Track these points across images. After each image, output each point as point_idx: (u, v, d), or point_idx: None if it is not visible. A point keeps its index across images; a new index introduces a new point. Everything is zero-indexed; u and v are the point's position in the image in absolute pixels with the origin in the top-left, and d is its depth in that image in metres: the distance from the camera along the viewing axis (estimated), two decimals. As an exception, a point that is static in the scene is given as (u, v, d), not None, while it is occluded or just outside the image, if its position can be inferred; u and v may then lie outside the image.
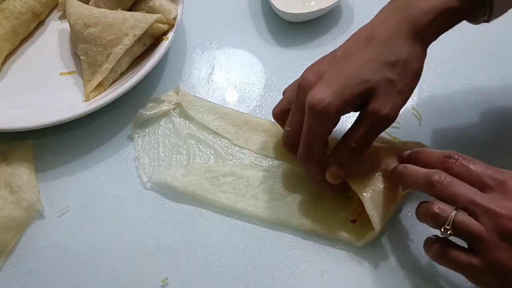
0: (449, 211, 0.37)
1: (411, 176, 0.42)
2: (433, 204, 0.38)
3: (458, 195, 0.38)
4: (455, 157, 0.40)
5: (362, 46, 0.43)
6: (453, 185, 0.38)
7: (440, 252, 0.39)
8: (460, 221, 0.37)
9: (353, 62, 0.42)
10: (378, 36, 0.43)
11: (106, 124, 0.58)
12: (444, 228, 0.37)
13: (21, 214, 0.51)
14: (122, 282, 0.47)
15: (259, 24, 0.67)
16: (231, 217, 0.51)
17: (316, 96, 0.41)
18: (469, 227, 0.36)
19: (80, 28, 0.59)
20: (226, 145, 0.55)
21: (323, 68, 0.44)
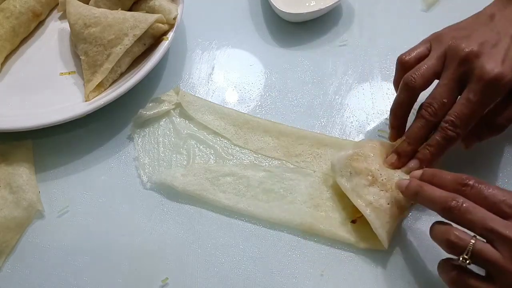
0: (467, 240, 0.37)
1: (427, 197, 0.41)
2: (451, 232, 0.38)
3: (475, 222, 0.37)
4: (470, 183, 0.39)
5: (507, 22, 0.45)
6: (470, 211, 0.38)
7: (457, 280, 0.38)
8: (479, 249, 0.37)
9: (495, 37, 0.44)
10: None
11: (106, 124, 0.58)
12: (463, 257, 0.37)
13: (21, 214, 0.51)
14: (122, 282, 0.47)
15: (259, 24, 0.67)
16: (231, 217, 0.51)
17: (501, 69, 0.42)
18: (487, 256, 0.36)
19: (80, 28, 0.59)
20: (226, 145, 0.55)
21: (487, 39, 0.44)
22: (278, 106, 0.59)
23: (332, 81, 0.60)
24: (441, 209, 0.39)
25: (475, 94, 0.43)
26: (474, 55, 0.43)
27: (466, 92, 0.43)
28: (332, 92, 0.59)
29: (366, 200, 0.46)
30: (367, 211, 0.45)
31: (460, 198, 0.39)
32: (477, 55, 0.43)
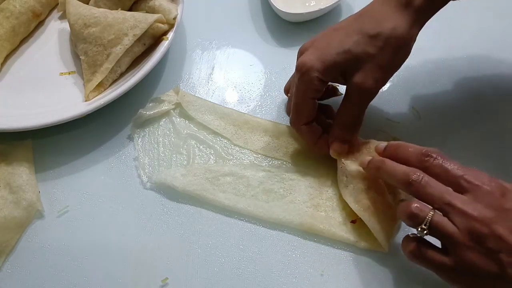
0: (426, 212, 0.39)
1: (389, 172, 0.43)
2: (411, 204, 0.39)
3: (434, 195, 0.39)
4: (433, 155, 0.41)
5: (352, 20, 0.46)
6: (430, 185, 0.39)
7: (416, 251, 0.40)
8: (436, 221, 0.38)
9: (340, 33, 0.46)
10: (368, 11, 0.46)
11: (106, 124, 0.58)
12: (421, 227, 0.38)
13: (21, 214, 0.51)
14: (122, 282, 0.47)
15: (259, 24, 0.67)
16: (231, 217, 0.51)
17: (303, 59, 0.46)
18: (444, 228, 0.38)
19: (80, 28, 0.59)
20: (226, 145, 0.55)
21: (315, 39, 0.48)
22: (278, 106, 0.59)
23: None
24: (402, 183, 0.41)
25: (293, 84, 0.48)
26: (300, 53, 0.49)
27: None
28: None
29: (364, 205, 0.46)
30: (366, 216, 0.46)
31: (421, 173, 0.40)
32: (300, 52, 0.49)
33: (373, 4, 0.47)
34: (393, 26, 0.43)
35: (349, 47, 0.44)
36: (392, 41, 0.43)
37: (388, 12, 0.44)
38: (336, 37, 0.46)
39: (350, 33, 0.45)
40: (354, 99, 0.46)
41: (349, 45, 0.44)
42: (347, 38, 0.44)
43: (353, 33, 0.44)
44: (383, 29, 0.43)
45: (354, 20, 0.46)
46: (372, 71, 0.44)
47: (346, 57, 0.44)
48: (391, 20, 0.44)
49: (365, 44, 0.44)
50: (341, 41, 0.45)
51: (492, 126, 0.55)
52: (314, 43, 0.48)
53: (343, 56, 0.44)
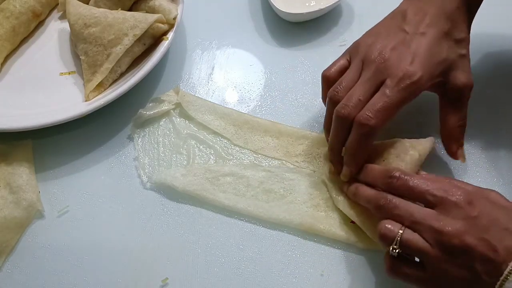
0: (395, 231, 0.39)
1: (363, 198, 0.45)
2: (381, 224, 0.40)
3: (402, 216, 0.40)
4: (396, 175, 0.42)
5: (429, 24, 0.46)
6: (397, 207, 0.40)
7: (393, 267, 0.41)
8: (406, 239, 0.39)
9: (429, 39, 0.46)
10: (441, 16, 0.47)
11: (106, 124, 0.58)
12: (392, 247, 0.39)
13: (21, 214, 0.51)
14: (122, 282, 0.47)
15: (259, 24, 0.67)
16: (231, 217, 0.51)
17: (410, 68, 0.44)
18: (415, 245, 0.38)
19: (80, 28, 0.59)
20: (226, 145, 0.55)
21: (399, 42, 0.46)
22: (278, 106, 0.59)
23: (332, 81, 0.60)
24: (374, 208, 0.43)
25: (389, 89, 0.44)
26: (386, 59, 0.45)
27: (381, 88, 0.45)
28: (332, 92, 0.59)
29: (357, 211, 0.46)
30: (360, 221, 0.46)
31: (388, 196, 0.42)
32: (389, 59, 0.45)
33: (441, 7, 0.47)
34: (466, 28, 0.47)
35: (447, 55, 0.46)
36: (468, 40, 0.48)
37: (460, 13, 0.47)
38: (426, 44, 0.46)
39: (439, 40, 0.46)
40: (466, 97, 0.47)
41: (445, 53, 0.46)
42: (440, 44, 0.46)
43: (441, 39, 0.46)
44: (463, 32, 0.47)
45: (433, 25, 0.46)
46: (469, 68, 0.47)
47: (446, 64, 0.46)
48: (464, 22, 0.47)
49: (457, 48, 0.47)
50: (435, 50, 0.46)
51: (497, 123, 0.55)
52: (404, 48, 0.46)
53: (444, 64, 0.46)
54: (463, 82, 0.46)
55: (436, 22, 0.46)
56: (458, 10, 0.47)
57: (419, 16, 0.47)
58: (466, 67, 0.47)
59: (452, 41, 0.46)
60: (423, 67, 0.44)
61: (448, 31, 0.46)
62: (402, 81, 0.44)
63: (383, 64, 0.45)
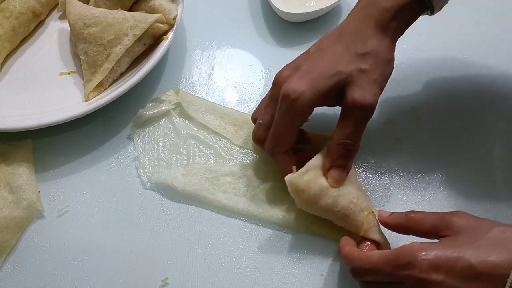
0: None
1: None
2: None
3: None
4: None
5: (334, 40, 0.45)
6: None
7: None
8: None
9: (326, 55, 0.44)
10: (348, 31, 0.45)
11: (106, 124, 0.58)
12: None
13: (21, 214, 0.51)
14: (122, 282, 0.47)
15: (259, 24, 0.67)
16: (231, 217, 0.51)
17: (291, 86, 0.43)
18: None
19: (80, 28, 0.59)
20: (226, 145, 0.55)
21: (298, 63, 0.46)
22: (278, 106, 0.58)
23: (332, 81, 0.60)
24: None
25: (276, 113, 0.45)
26: (280, 80, 0.46)
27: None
28: (332, 92, 0.59)
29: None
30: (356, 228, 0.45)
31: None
32: (283, 79, 0.45)
33: (350, 23, 0.46)
34: (377, 45, 0.44)
35: (341, 68, 0.43)
36: (380, 58, 0.44)
37: (369, 32, 0.44)
38: (323, 59, 0.44)
39: (338, 54, 0.44)
40: (355, 117, 0.43)
41: (340, 66, 0.43)
42: (336, 59, 0.44)
43: (341, 54, 0.44)
44: (370, 47, 0.43)
45: (336, 40, 0.45)
46: (369, 86, 0.43)
47: (340, 78, 0.43)
48: (374, 39, 0.44)
49: (357, 62, 0.43)
50: (330, 63, 0.44)
51: (495, 125, 0.55)
52: (298, 67, 0.46)
53: (337, 78, 0.43)
54: (354, 100, 0.42)
55: (339, 37, 0.45)
56: (367, 20, 0.44)
57: (328, 35, 0.47)
58: (364, 84, 0.43)
59: (353, 55, 0.43)
60: (308, 84, 0.43)
61: (350, 45, 0.44)
62: (283, 101, 0.44)
63: (277, 87, 0.46)
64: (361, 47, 0.44)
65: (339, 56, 0.44)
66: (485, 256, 0.35)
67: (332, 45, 0.45)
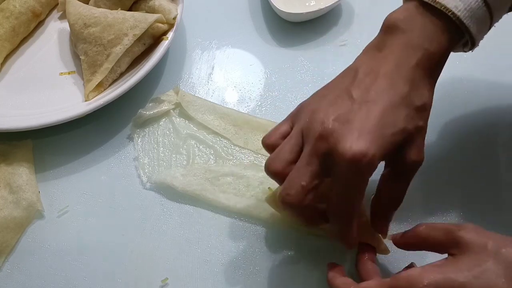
0: None
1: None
2: None
3: None
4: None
5: (384, 89, 0.38)
6: None
7: None
8: None
9: (380, 106, 0.38)
10: (397, 78, 0.39)
11: (106, 124, 0.58)
12: None
13: (21, 214, 0.51)
14: (122, 282, 0.48)
15: (259, 24, 0.67)
16: (231, 217, 0.51)
17: (357, 146, 0.36)
18: None
19: (80, 28, 0.59)
20: (226, 145, 0.55)
21: (343, 112, 0.38)
22: (278, 106, 0.59)
23: (332, 81, 0.60)
24: None
25: (339, 180, 0.37)
26: (328, 134, 0.37)
27: (332, 179, 0.38)
28: (332, 92, 0.59)
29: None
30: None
31: None
32: (331, 133, 0.37)
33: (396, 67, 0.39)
34: (429, 95, 0.40)
35: (404, 125, 0.38)
36: (429, 109, 0.40)
37: (422, 81, 0.39)
38: (377, 111, 0.37)
39: (395, 106, 0.38)
40: (408, 176, 0.40)
41: (402, 122, 0.38)
42: (395, 113, 0.38)
43: (398, 107, 0.38)
44: (425, 99, 0.39)
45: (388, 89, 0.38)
46: (422, 144, 0.40)
47: (402, 137, 0.38)
48: (426, 90, 0.40)
49: (416, 118, 0.39)
50: (390, 118, 0.37)
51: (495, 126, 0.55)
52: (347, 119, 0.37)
53: (400, 136, 0.38)
54: (413, 160, 0.39)
55: (390, 85, 0.38)
56: (417, 68, 0.39)
57: (370, 77, 0.39)
58: (420, 143, 0.40)
59: (411, 109, 0.38)
60: (374, 142, 0.36)
61: (406, 96, 0.38)
62: (352, 166, 0.36)
63: (326, 141, 0.37)
64: (418, 99, 0.39)
65: (396, 110, 0.38)
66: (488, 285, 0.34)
67: (383, 95, 0.38)
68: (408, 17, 0.40)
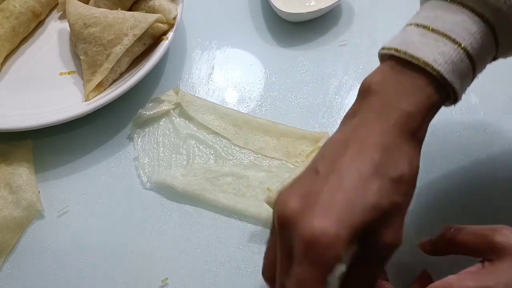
0: None
1: None
2: None
3: None
4: None
5: (353, 157, 0.32)
6: None
7: None
8: None
9: (350, 178, 0.32)
10: (368, 145, 0.33)
11: (106, 124, 0.58)
12: None
13: (21, 214, 0.51)
14: (122, 282, 0.48)
15: (259, 24, 0.67)
16: (231, 217, 0.51)
17: (316, 225, 0.30)
18: None
19: (80, 28, 0.59)
20: (226, 145, 0.55)
21: (307, 189, 0.32)
22: (278, 106, 0.59)
23: (332, 81, 0.60)
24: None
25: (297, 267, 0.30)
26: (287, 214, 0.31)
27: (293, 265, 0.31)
28: (332, 92, 0.59)
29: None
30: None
31: None
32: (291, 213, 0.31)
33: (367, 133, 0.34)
34: (409, 164, 0.33)
35: (376, 200, 0.31)
36: (412, 182, 0.34)
37: (399, 148, 0.33)
38: (345, 183, 0.31)
39: (366, 178, 0.31)
40: (381, 260, 0.34)
41: (374, 197, 0.31)
42: (366, 186, 0.31)
43: (370, 178, 0.31)
44: (404, 169, 0.33)
45: (357, 157, 0.32)
46: (400, 224, 0.33)
47: (375, 214, 0.31)
48: (405, 158, 0.33)
49: (391, 193, 0.32)
50: (360, 192, 0.31)
51: (495, 126, 0.55)
52: (310, 195, 0.31)
53: (372, 214, 0.31)
54: (387, 243, 0.32)
55: (358, 154, 0.32)
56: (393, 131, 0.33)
57: (339, 147, 0.33)
58: (398, 222, 0.33)
59: (385, 180, 0.32)
60: (340, 220, 0.30)
61: (378, 165, 0.32)
62: (309, 249, 0.29)
63: (288, 229, 0.31)
64: (393, 169, 0.32)
65: (368, 181, 0.31)
66: None
67: (351, 164, 0.32)
68: (383, 78, 0.35)
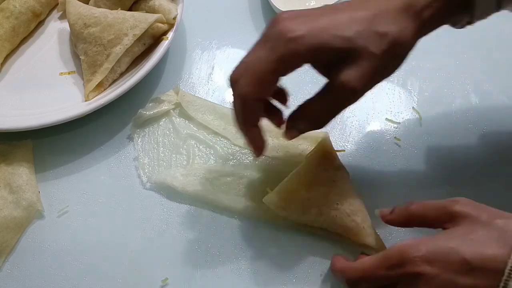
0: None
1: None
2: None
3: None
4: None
5: (354, 5, 0.38)
6: None
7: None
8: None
9: (340, 15, 0.37)
10: (370, 5, 0.38)
11: (106, 124, 0.58)
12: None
13: (21, 214, 0.51)
14: (122, 282, 0.48)
15: (259, 24, 0.67)
16: (231, 217, 0.51)
17: (290, 25, 0.36)
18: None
19: (80, 28, 0.59)
20: (226, 145, 0.55)
21: (308, 11, 0.39)
22: (278, 106, 0.58)
23: (332, 81, 0.60)
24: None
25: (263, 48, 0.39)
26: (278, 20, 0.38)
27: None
28: (332, 92, 0.59)
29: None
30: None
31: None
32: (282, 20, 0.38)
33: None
34: (400, 29, 0.37)
35: (351, 35, 0.36)
36: (396, 46, 0.37)
37: (397, 12, 0.37)
38: (337, 17, 0.37)
39: (355, 20, 0.37)
40: (335, 96, 0.39)
41: (351, 32, 0.36)
42: (351, 24, 0.36)
43: (359, 21, 0.37)
44: (393, 30, 0.37)
45: (357, 6, 0.38)
46: (365, 72, 0.37)
47: (343, 45, 0.36)
48: (398, 22, 0.37)
49: (370, 40, 0.36)
50: (342, 24, 0.36)
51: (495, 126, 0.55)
52: (305, 13, 0.38)
53: (340, 42, 0.36)
54: (342, 80, 0.37)
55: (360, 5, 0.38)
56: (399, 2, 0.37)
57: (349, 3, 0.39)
58: (364, 69, 0.36)
59: (370, 30, 0.36)
60: (312, 31, 0.36)
61: (373, 17, 0.37)
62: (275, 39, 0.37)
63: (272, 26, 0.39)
64: (382, 27, 0.36)
65: (353, 23, 0.36)
66: (480, 250, 0.34)
67: (350, 9, 0.38)
68: None
